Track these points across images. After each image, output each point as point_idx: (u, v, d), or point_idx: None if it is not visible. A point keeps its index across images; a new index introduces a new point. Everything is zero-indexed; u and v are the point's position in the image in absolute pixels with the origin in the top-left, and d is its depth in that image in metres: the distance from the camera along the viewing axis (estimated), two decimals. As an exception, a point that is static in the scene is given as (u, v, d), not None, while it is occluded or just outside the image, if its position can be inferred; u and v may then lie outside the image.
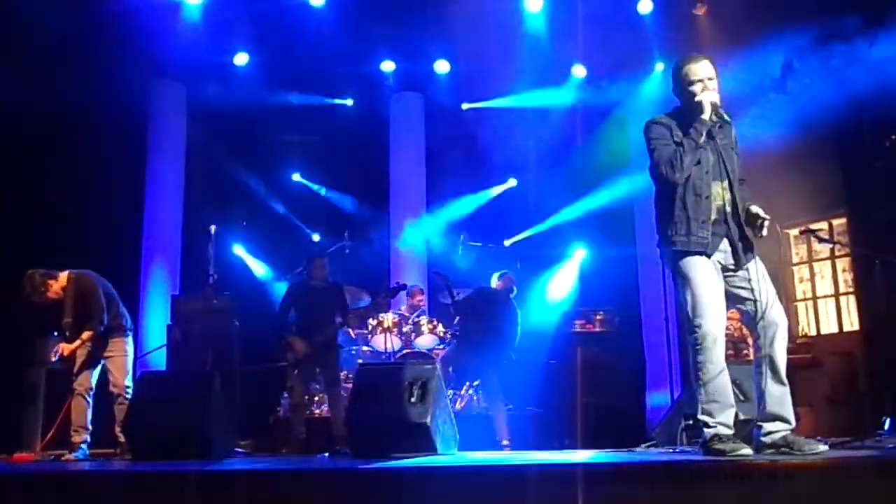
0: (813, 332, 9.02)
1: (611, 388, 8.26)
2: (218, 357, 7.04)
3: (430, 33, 9.42)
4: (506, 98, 10.08)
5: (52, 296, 5.96)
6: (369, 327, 8.28)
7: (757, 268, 3.80)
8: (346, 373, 7.56)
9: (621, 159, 9.55)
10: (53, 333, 6.39)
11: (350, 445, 5.29)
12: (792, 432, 3.69)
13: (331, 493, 2.87)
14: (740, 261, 3.80)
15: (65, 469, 4.51)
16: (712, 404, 3.67)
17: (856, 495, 2.76)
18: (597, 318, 8.49)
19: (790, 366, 3.78)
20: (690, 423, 4.98)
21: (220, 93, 9.36)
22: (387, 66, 9.95)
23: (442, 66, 9.96)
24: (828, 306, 9.08)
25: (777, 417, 3.69)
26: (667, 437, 5.61)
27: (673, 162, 3.74)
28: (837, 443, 4.46)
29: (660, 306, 8.34)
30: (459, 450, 5.26)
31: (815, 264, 9.24)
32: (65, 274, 6.04)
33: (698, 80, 3.84)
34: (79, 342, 5.92)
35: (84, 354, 5.99)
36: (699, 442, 3.80)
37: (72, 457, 5.82)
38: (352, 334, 8.04)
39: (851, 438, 4.80)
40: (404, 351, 8.12)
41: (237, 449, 6.22)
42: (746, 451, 3.55)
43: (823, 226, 8.78)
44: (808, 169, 8.04)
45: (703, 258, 3.75)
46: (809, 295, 9.24)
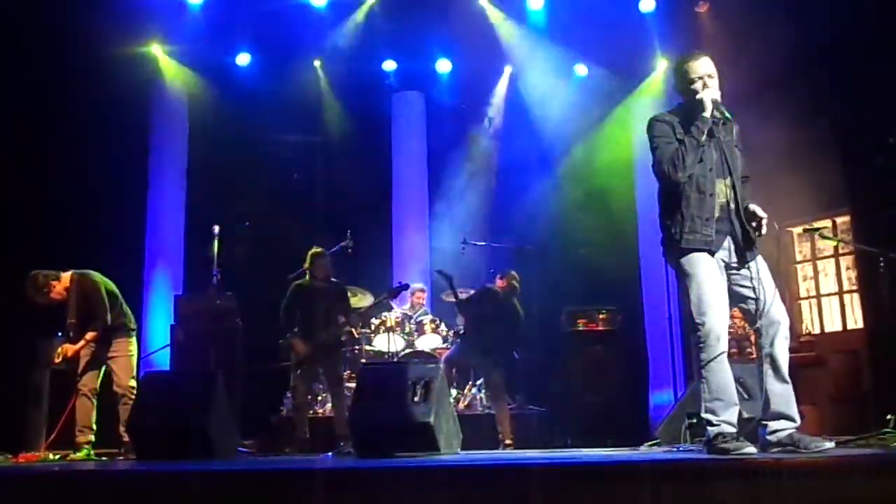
0: (817, 331, 9.00)
1: (614, 386, 8.28)
2: (221, 357, 7.04)
3: (431, 32, 9.42)
4: (506, 96, 10.08)
5: (55, 296, 5.97)
6: (372, 327, 8.28)
7: (759, 266, 3.80)
8: (348, 372, 7.57)
9: (623, 157, 9.55)
10: (58, 334, 6.41)
11: (353, 445, 5.29)
12: (797, 430, 3.68)
13: (334, 493, 2.87)
14: (743, 258, 3.80)
15: (69, 469, 4.51)
16: (716, 402, 3.67)
17: (861, 493, 2.75)
18: (600, 316, 8.49)
19: (794, 364, 3.77)
20: (694, 421, 4.97)
21: (222, 92, 9.37)
22: (388, 66, 9.96)
23: (443, 65, 9.97)
24: (832, 304, 9.05)
25: (782, 416, 3.69)
26: (670, 435, 5.60)
27: (675, 160, 3.74)
28: (842, 441, 4.45)
29: (663, 305, 8.33)
30: (463, 449, 5.26)
31: (819, 262, 9.21)
32: (68, 274, 6.05)
33: (698, 78, 3.84)
34: (83, 343, 5.94)
35: (88, 355, 6.00)
36: (703, 440, 3.80)
37: (76, 457, 5.83)
38: (354, 334, 8.03)
39: (856, 436, 4.78)
40: (407, 351, 8.12)
41: (240, 449, 6.22)
42: (750, 449, 3.54)
43: (827, 224, 8.75)
44: (811, 166, 8.01)
45: (707, 256, 3.74)
46: (813, 293, 9.22)
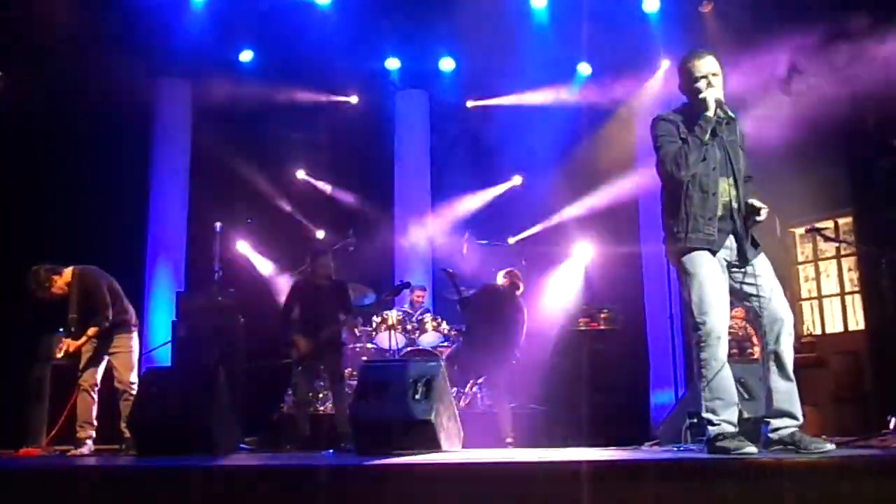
0: (818, 332, 8.99)
1: (615, 385, 8.27)
2: (223, 354, 7.05)
3: (434, 30, 9.41)
4: (511, 96, 10.08)
5: (56, 291, 5.98)
6: (373, 325, 8.29)
7: (762, 263, 3.79)
8: (350, 370, 7.57)
9: (626, 157, 9.54)
10: (59, 329, 6.42)
11: (354, 442, 5.29)
12: (799, 430, 3.68)
13: (335, 490, 2.87)
14: (746, 257, 3.80)
15: (70, 464, 4.52)
16: (716, 402, 3.67)
17: (861, 494, 2.75)
18: (601, 315, 8.48)
19: (795, 365, 3.76)
20: (695, 420, 4.96)
21: (225, 90, 9.37)
22: (391, 64, 9.95)
23: (447, 64, 9.96)
24: (833, 305, 9.05)
25: (785, 414, 3.68)
26: (671, 434, 5.59)
27: (678, 159, 3.73)
28: (843, 442, 4.45)
29: (664, 304, 8.30)
30: (464, 447, 5.26)
31: (821, 263, 9.20)
32: (69, 270, 6.05)
33: (702, 77, 3.82)
34: (84, 338, 5.94)
35: (90, 350, 6.00)
36: (703, 440, 3.80)
37: (77, 452, 5.84)
38: (356, 332, 8.05)
39: (857, 438, 4.79)
40: (408, 348, 8.13)
41: (241, 445, 6.23)
42: (751, 448, 3.54)
43: (829, 224, 8.74)
44: (814, 167, 8.01)
45: (709, 255, 3.74)
46: (815, 294, 9.22)
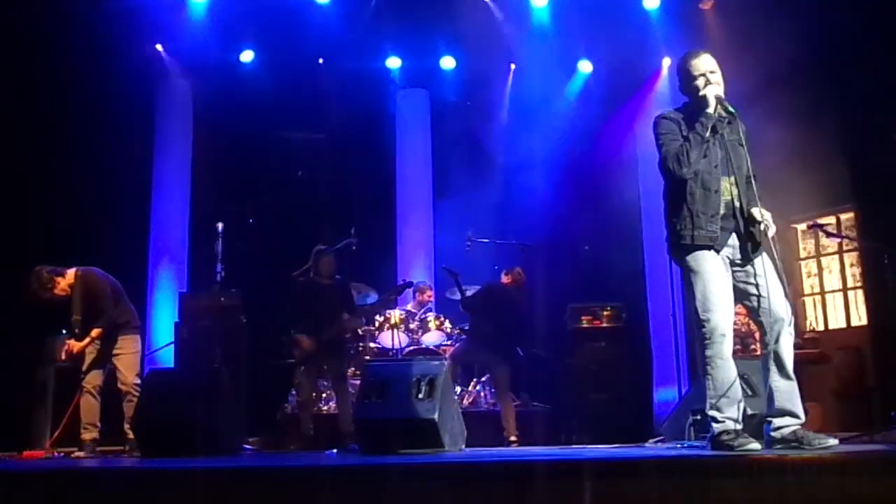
0: (821, 327, 8.99)
1: (618, 383, 8.27)
2: (225, 354, 7.04)
3: (435, 29, 9.40)
4: (512, 94, 10.07)
5: (59, 293, 5.98)
6: (376, 324, 8.28)
7: (763, 263, 3.79)
8: (353, 369, 7.58)
9: (627, 155, 9.53)
10: (62, 331, 6.42)
11: (358, 442, 5.30)
12: (802, 427, 3.68)
13: (338, 490, 2.88)
14: (748, 256, 3.80)
15: (74, 466, 4.52)
16: (720, 399, 3.67)
17: (865, 490, 2.75)
18: (604, 313, 8.48)
19: (797, 361, 3.77)
20: (698, 418, 4.97)
21: (226, 90, 9.37)
22: (392, 63, 9.95)
23: (448, 63, 9.95)
24: (836, 301, 9.04)
25: (786, 412, 3.69)
26: (675, 432, 5.60)
27: (680, 157, 3.74)
28: (846, 438, 4.44)
29: (667, 302, 8.32)
30: (467, 446, 5.26)
31: (823, 259, 9.20)
32: (72, 271, 6.06)
33: (700, 75, 3.86)
34: (88, 340, 5.95)
35: (93, 352, 6.01)
36: (707, 437, 3.80)
37: (81, 454, 5.84)
38: (359, 331, 8.05)
39: (860, 433, 4.78)
40: (411, 347, 8.13)
41: (245, 446, 6.24)
42: (755, 445, 3.54)
43: (831, 220, 8.73)
44: (816, 163, 8.00)
45: (712, 253, 3.75)
46: (817, 290, 9.21)
